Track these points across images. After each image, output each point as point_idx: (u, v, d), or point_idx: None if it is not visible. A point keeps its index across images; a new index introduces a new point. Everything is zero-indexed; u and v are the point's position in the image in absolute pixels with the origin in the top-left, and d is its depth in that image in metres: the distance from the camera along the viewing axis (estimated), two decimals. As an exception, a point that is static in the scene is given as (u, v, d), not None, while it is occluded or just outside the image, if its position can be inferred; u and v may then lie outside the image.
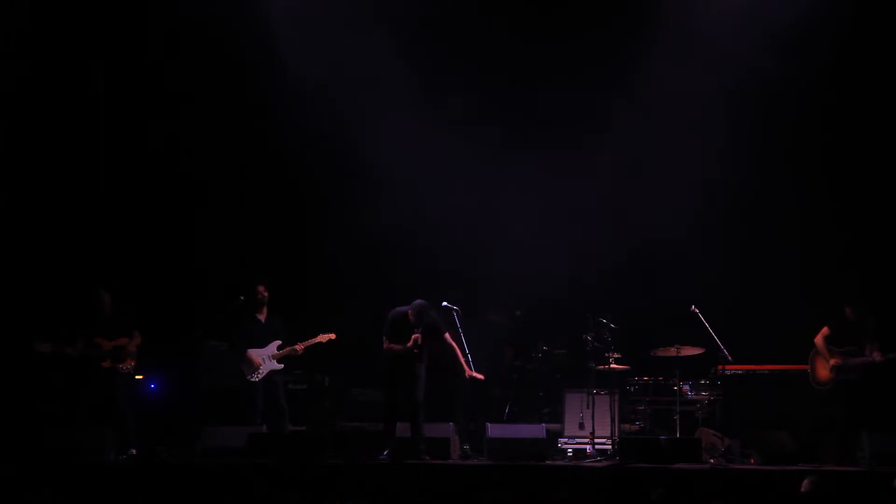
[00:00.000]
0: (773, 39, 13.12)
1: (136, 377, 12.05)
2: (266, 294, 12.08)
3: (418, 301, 11.23)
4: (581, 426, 12.19)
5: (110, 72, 13.66)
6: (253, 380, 11.89)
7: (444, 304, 11.71)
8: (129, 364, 11.73)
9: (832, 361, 11.38)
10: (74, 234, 13.48)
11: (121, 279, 12.59)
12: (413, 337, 11.13)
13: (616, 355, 12.22)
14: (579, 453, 11.91)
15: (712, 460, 10.93)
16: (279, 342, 12.00)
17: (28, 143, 13.36)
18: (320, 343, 12.02)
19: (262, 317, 12.09)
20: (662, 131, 13.53)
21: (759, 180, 13.54)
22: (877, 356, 11.21)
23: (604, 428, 11.98)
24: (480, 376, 11.58)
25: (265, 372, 11.91)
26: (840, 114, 13.24)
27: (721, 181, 13.51)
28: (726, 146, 13.45)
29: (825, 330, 11.50)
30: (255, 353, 11.93)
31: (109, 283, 12.04)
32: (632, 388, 12.61)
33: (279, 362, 11.98)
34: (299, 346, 11.98)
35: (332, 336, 12.04)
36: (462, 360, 11.41)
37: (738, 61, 13.27)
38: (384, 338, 11.32)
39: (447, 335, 11.41)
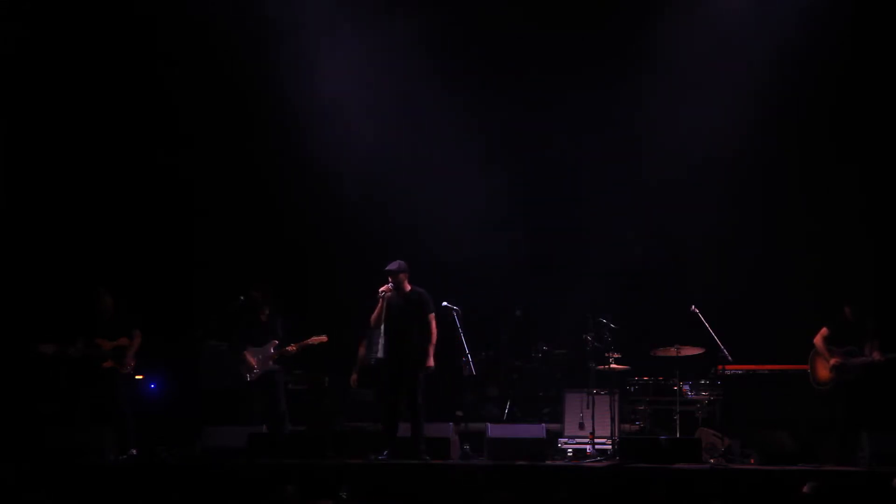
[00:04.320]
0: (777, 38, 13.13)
1: (136, 377, 12.05)
2: (268, 294, 12.06)
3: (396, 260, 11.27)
4: (581, 426, 12.18)
5: (112, 69, 13.67)
6: (249, 379, 11.88)
7: (445, 303, 11.68)
8: (130, 364, 11.73)
9: (832, 361, 11.37)
10: (75, 234, 13.49)
11: (121, 279, 12.58)
12: (381, 289, 11.08)
13: (616, 355, 12.22)
14: (579, 453, 11.90)
15: (712, 460, 10.91)
16: (276, 342, 11.97)
17: (29, 145, 13.36)
18: (313, 345, 11.98)
19: (263, 317, 12.06)
20: (662, 129, 13.53)
21: (759, 180, 13.54)
22: (877, 356, 11.20)
23: (604, 428, 11.96)
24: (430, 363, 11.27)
25: (261, 372, 11.87)
26: (844, 115, 13.22)
27: (721, 180, 13.52)
28: (726, 145, 13.45)
29: (824, 330, 11.49)
30: (251, 353, 11.91)
31: (110, 284, 12.04)
32: (632, 388, 12.60)
33: (275, 363, 11.94)
34: (291, 347, 11.92)
35: (324, 339, 11.99)
36: (430, 349, 11.17)
37: (742, 58, 13.27)
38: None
39: (431, 316, 11.24)
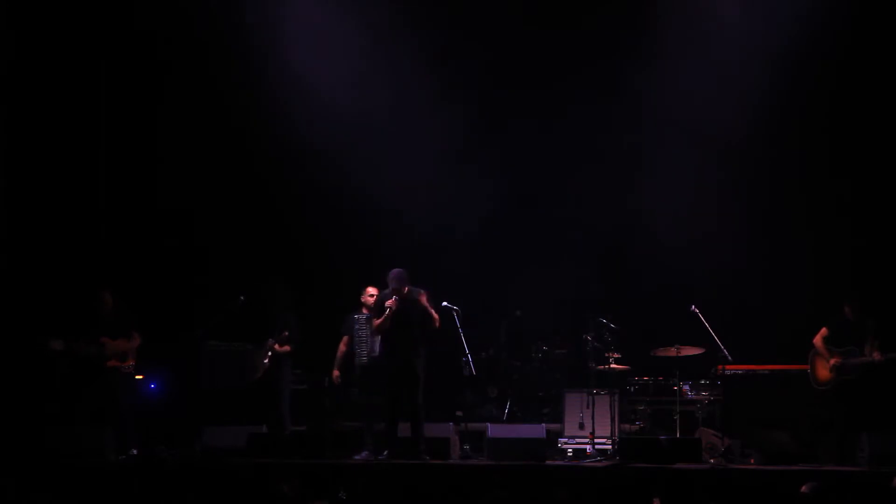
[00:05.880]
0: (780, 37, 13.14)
1: (137, 377, 12.06)
2: (275, 292, 12.01)
3: (397, 269, 11.24)
4: (581, 426, 12.18)
5: (111, 71, 13.68)
6: (251, 378, 11.86)
7: (445, 304, 11.67)
8: (130, 364, 11.74)
9: (832, 361, 11.38)
10: (76, 234, 13.48)
11: (121, 279, 12.58)
12: (388, 303, 11.09)
13: (616, 355, 12.21)
14: (579, 453, 11.87)
15: (712, 460, 10.92)
16: (271, 340, 11.90)
17: (31, 148, 13.36)
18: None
19: (273, 315, 12.00)
20: (663, 128, 13.53)
21: (760, 181, 13.53)
22: (877, 356, 11.20)
23: (604, 428, 11.94)
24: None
25: (261, 370, 11.85)
26: (846, 113, 13.20)
27: (721, 181, 13.51)
28: (727, 147, 13.44)
29: (824, 330, 11.50)
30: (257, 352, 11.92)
31: (110, 284, 12.04)
32: (632, 388, 12.59)
33: (268, 360, 11.88)
34: (277, 347, 11.90)
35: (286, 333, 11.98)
36: (432, 311, 11.23)
37: (745, 58, 13.26)
38: (373, 319, 11.35)
39: (423, 296, 11.22)
